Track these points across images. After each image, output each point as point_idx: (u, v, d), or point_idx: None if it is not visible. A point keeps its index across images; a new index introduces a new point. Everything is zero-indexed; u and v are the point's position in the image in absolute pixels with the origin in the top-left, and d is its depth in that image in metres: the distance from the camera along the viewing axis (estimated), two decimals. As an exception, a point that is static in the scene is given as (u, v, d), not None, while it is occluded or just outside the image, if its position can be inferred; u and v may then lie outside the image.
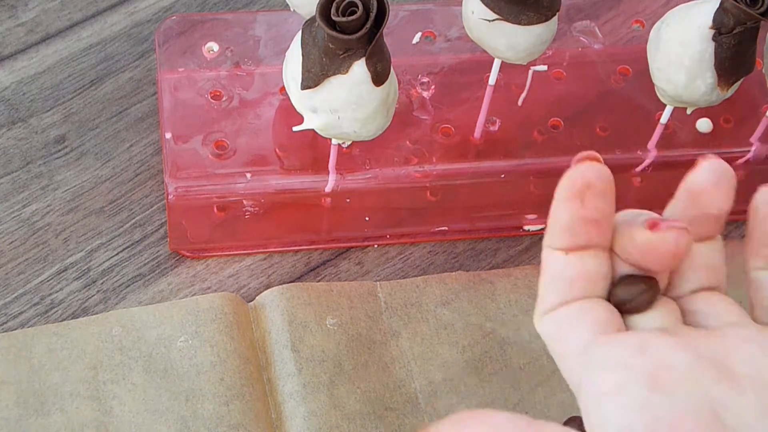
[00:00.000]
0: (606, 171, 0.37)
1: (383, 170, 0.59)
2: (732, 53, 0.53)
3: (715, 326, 0.37)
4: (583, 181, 0.37)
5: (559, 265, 0.38)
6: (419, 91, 0.62)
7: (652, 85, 0.56)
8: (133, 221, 0.62)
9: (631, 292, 0.37)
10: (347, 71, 0.50)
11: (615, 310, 0.37)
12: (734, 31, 0.52)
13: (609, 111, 0.63)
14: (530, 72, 0.62)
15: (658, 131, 0.60)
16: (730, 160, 0.62)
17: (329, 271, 0.61)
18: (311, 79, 0.51)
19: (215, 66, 0.62)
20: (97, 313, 0.58)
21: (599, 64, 0.65)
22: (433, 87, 0.62)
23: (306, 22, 0.51)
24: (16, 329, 0.57)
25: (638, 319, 0.37)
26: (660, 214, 0.68)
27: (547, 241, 0.38)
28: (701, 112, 0.61)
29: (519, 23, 0.53)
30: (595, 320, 0.37)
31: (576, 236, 0.37)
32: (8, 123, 0.64)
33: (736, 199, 0.66)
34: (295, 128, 0.53)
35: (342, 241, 0.62)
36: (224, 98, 0.61)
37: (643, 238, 0.37)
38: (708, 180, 0.38)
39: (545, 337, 0.38)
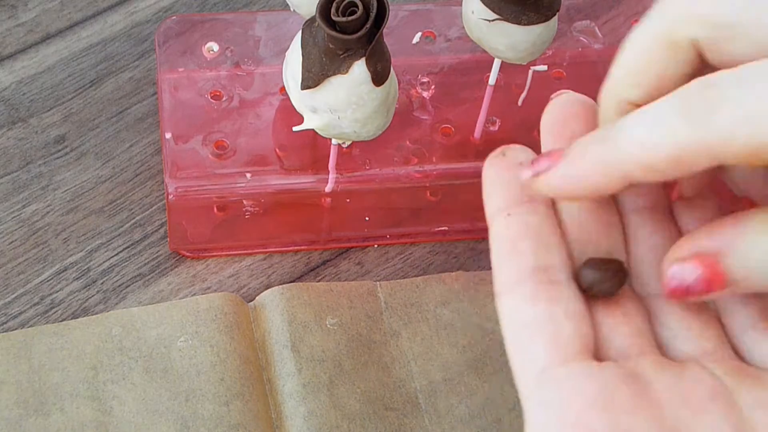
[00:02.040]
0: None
1: (383, 170, 0.59)
2: (732, 53, 0.53)
3: (685, 355, 0.34)
4: (503, 146, 0.37)
5: (501, 228, 0.35)
6: (419, 91, 0.62)
7: (652, 85, 0.56)
8: (133, 221, 0.62)
9: (598, 276, 0.34)
10: (347, 71, 0.50)
11: (581, 309, 0.34)
12: (734, 31, 0.52)
13: (609, 111, 0.62)
14: (530, 72, 0.62)
15: (658, 131, 0.60)
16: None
17: (329, 271, 0.61)
18: (311, 79, 0.51)
19: (215, 66, 0.62)
20: (97, 313, 0.58)
21: (599, 64, 0.65)
22: (433, 87, 0.62)
23: (306, 22, 0.51)
24: (16, 329, 0.57)
25: (605, 318, 0.34)
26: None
27: (487, 215, 0.36)
28: (701, 112, 0.61)
29: (519, 23, 0.53)
30: (556, 334, 0.33)
31: (506, 188, 0.35)
32: (8, 123, 0.64)
33: (736, 198, 0.67)
34: (295, 128, 0.53)
35: (342, 241, 0.62)
36: (224, 98, 0.61)
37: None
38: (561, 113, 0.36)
39: (502, 320, 0.34)
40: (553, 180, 0.34)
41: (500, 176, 0.36)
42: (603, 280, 0.34)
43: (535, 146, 0.63)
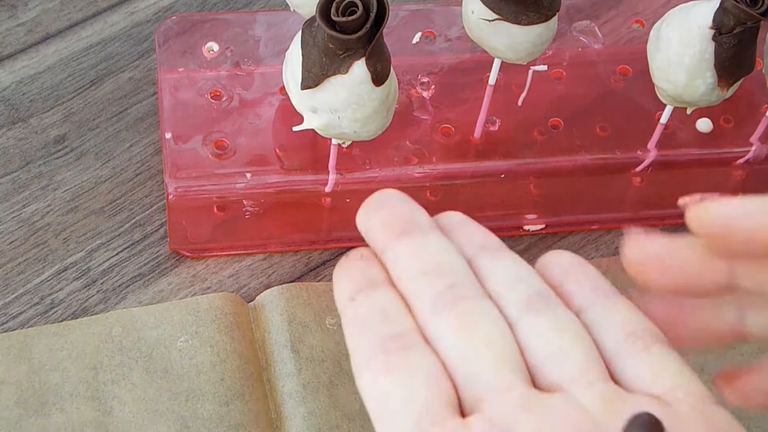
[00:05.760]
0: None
1: (383, 170, 0.59)
2: (732, 53, 0.53)
3: (555, 382, 0.33)
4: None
5: (348, 313, 0.35)
6: (419, 91, 0.62)
7: (652, 85, 0.56)
8: (133, 221, 0.62)
9: None
10: (347, 71, 0.50)
11: (437, 368, 0.32)
12: (734, 31, 0.52)
13: (609, 111, 0.62)
14: (530, 72, 0.62)
15: (658, 131, 0.60)
16: (730, 160, 0.63)
17: (329, 271, 0.61)
18: (311, 79, 0.51)
19: (215, 66, 0.62)
20: (97, 313, 0.58)
21: (599, 64, 0.65)
22: (433, 87, 0.62)
23: (306, 22, 0.51)
24: (16, 329, 0.57)
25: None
26: (658, 212, 0.68)
27: (339, 310, 0.35)
28: (701, 112, 0.61)
29: (519, 23, 0.53)
30: (417, 400, 0.32)
31: (349, 278, 0.35)
32: (8, 123, 0.64)
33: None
34: (295, 128, 0.53)
35: (342, 241, 0.62)
36: (224, 98, 0.61)
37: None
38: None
39: (364, 398, 0.34)
40: (722, 211, 0.34)
41: (343, 270, 0.36)
42: None
43: (534, 146, 0.63)
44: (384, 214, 0.36)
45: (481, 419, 0.32)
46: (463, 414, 0.32)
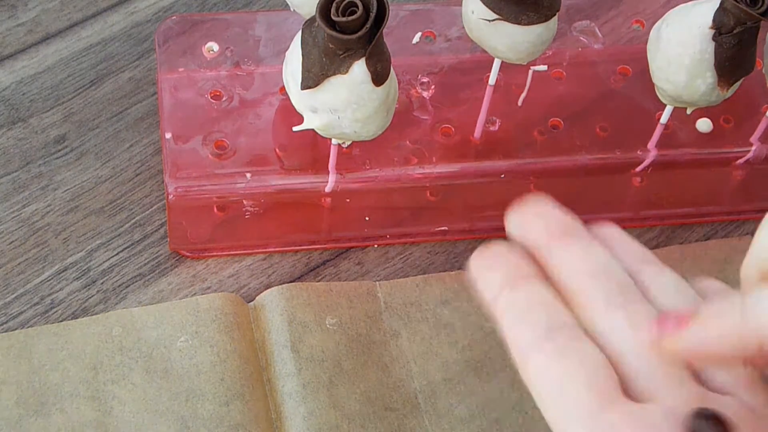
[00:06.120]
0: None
1: (383, 170, 0.59)
2: (732, 53, 0.53)
3: (722, 386, 0.36)
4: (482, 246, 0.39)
5: (509, 301, 0.37)
6: (419, 91, 0.62)
7: (652, 85, 0.56)
8: (133, 221, 0.62)
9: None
10: (347, 71, 0.50)
11: (604, 358, 0.35)
12: (734, 31, 0.52)
13: (609, 111, 0.62)
14: (530, 72, 0.62)
15: (658, 131, 0.60)
16: (730, 160, 0.63)
17: (329, 271, 0.61)
18: (311, 79, 0.51)
19: (215, 66, 0.62)
20: (97, 313, 0.58)
21: (599, 64, 0.65)
22: (433, 87, 0.62)
23: (306, 22, 0.51)
24: (16, 329, 0.57)
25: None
26: (658, 212, 0.68)
27: (488, 298, 0.38)
28: (701, 112, 0.61)
29: (519, 23, 0.53)
30: (595, 381, 0.35)
31: (501, 270, 0.38)
32: (8, 123, 0.64)
33: (736, 199, 0.67)
34: (295, 128, 0.53)
35: (342, 241, 0.62)
36: (224, 98, 0.61)
37: None
38: None
39: (532, 378, 0.36)
40: (684, 340, 0.36)
41: (489, 262, 0.39)
42: None
43: (534, 146, 0.63)
44: (547, 217, 0.39)
45: (659, 406, 0.34)
46: None
